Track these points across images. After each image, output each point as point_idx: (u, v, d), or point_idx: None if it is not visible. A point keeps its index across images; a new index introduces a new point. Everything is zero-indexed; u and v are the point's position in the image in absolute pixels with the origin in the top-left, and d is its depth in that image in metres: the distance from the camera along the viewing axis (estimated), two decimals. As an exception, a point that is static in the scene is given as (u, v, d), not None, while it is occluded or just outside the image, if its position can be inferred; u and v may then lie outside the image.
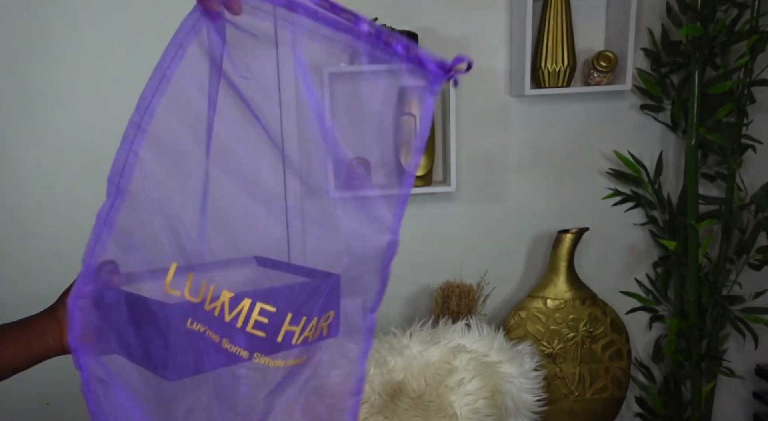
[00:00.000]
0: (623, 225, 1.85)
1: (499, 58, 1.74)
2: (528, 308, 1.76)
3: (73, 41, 1.64)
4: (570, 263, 1.74)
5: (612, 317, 1.76)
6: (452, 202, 1.80)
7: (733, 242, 1.74)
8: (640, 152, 1.78)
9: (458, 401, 1.48)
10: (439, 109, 1.73)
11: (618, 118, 1.78)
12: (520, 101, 1.76)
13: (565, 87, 1.66)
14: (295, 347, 0.56)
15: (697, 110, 1.62)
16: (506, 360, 1.55)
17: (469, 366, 1.51)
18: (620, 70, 1.65)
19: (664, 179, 1.81)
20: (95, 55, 1.66)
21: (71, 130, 1.69)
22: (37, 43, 1.64)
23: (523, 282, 1.87)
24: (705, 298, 1.71)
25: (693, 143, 1.64)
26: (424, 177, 1.68)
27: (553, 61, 1.63)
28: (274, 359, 0.56)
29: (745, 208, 1.67)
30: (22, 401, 1.75)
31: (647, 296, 1.86)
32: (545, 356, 1.74)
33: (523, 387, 1.53)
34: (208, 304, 0.52)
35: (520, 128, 1.78)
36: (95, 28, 1.64)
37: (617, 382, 1.77)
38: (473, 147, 1.78)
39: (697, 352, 1.74)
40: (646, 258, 1.87)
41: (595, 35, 1.73)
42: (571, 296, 1.74)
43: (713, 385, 1.76)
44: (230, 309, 0.53)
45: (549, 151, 1.80)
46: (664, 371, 1.89)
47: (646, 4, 1.70)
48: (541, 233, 1.84)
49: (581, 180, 1.82)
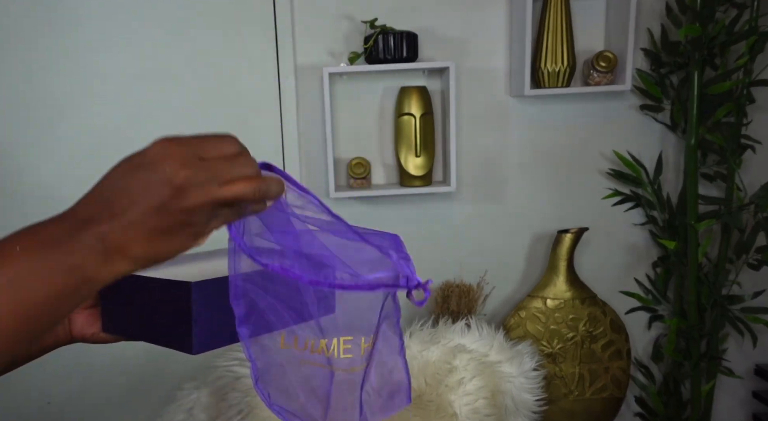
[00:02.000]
0: (623, 225, 1.85)
1: (498, 58, 1.74)
2: (528, 307, 1.76)
3: (84, 42, 1.65)
4: (570, 263, 1.74)
5: (612, 317, 1.76)
6: (452, 202, 1.81)
7: (733, 241, 1.74)
8: (639, 152, 1.79)
9: (458, 400, 1.48)
10: (439, 109, 1.74)
11: (618, 119, 1.79)
12: (520, 101, 1.77)
13: (564, 87, 1.66)
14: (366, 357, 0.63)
15: (696, 110, 1.62)
16: (506, 360, 1.55)
17: (468, 366, 1.51)
18: (620, 71, 1.65)
19: (664, 179, 1.81)
20: (103, 57, 1.66)
21: (83, 135, 1.69)
22: (37, 43, 1.64)
23: (523, 282, 1.88)
24: (704, 298, 1.71)
25: (692, 143, 1.64)
26: (424, 177, 1.69)
27: (552, 61, 1.64)
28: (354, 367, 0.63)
29: (744, 208, 1.68)
30: (23, 400, 1.76)
31: (647, 295, 1.86)
32: (545, 355, 1.74)
33: (522, 387, 1.53)
34: (311, 351, 0.60)
35: (520, 128, 1.79)
36: (105, 29, 1.65)
37: (617, 382, 1.77)
38: (473, 147, 1.78)
39: (697, 352, 1.74)
40: (646, 258, 1.88)
41: (594, 35, 1.74)
42: (570, 295, 1.74)
43: (712, 385, 1.77)
44: (328, 348, 0.61)
45: (549, 151, 1.80)
46: (663, 371, 1.89)
47: (646, 5, 1.70)
48: (541, 233, 1.84)
49: (581, 180, 1.82)
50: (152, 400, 1.79)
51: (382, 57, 1.60)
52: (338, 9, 1.68)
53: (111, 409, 1.83)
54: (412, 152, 1.66)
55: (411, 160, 1.67)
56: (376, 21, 1.62)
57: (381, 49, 1.60)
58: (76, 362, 1.74)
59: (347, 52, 1.67)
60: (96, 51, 1.66)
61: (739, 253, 1.72)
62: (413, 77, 1.72)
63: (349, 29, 1.69)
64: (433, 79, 1.73)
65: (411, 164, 1.67)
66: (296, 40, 1.69)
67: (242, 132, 1.87)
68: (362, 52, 1.64)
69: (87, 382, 1.78)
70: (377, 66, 1.61)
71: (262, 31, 1.68)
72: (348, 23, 1.69)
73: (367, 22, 1.63)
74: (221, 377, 1.60)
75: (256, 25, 1.67)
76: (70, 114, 1.68)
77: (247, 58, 1.69)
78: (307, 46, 1.70)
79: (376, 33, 1.60)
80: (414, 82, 1.72)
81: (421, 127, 1.64)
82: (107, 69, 1.66)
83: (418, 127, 1.64)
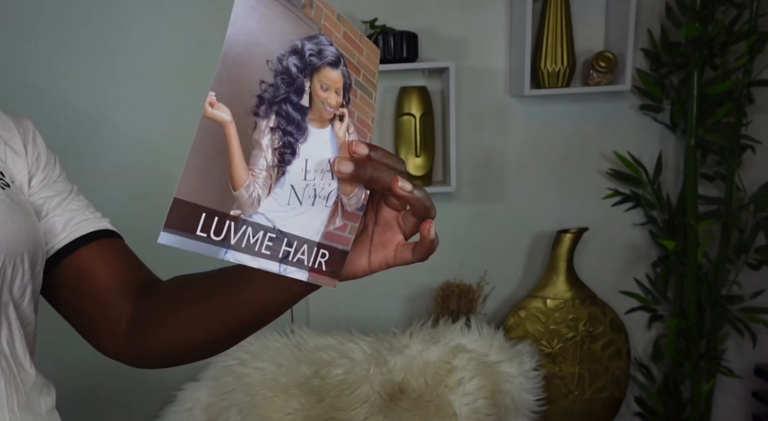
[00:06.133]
0: (623, 225, 1.85)
1: (498, 58, 1.74)
2: (528, 307, 1.76)
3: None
4: (569, 263, 1.74)
5: (611, 317, 1.77)
6: (452, 202, 1.81)
7: (732, 241, 1.75)
8: (639, 152, 1.79)
9: (458, 400, 1.48)
10: (439, 109, 1.74)
11: (617, 119, 1.79)
12: (520, 101, 1.77)
13: (564, 87, 1.66)
14: None
15: (696, 110, 1.62)
16: (506, 360, 1.55)
17: (468, 366, 1.51)
18: (620, 71, 1.66)
19: (664, 179, 1.81)
20: (106, 56, 1.66)
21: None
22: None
23: (522, 282, 1.88)
24: (704, 298, 1.71)
25: (692, 143, 1.64)
26: (424, 177, 1.69)
27: (552, 61, 1.64)
28: None
29: (744, 208, 1.68)
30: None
31: (646, 295, 1.86)
32: (545, 355, 1.74)
33: (522, 387, 1.53)
34: None
35: (519, 128, 1.79)
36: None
37: (616, 381, 1.78)
38: (473, 147, 1.78)
39: (696, 351, 1.74)
40: (646, 258, 1.88)
41: (594, 35, 1.74)
42: (570, 295, 1.74)
43: (712, 384, 1.77)
44: None
45: (549, 151, 1.80)
46: (663, 371, 1.89)
47: (646, 5, 1.71)
48: (541, 233, 1.85)
49: (581, 180, 1.82)
50: (152, 400, 1.79)
51: (382, 57, 1.60)
52: (338, 9, 1.67)
53: (111, 409, 1.83)
54: (412, 152, 1.66)
55: (411, 160, 1.67)
56: (376, 21, 1.62)
57: (381, 49, 1.60)
58: (76, 361, 1.74)
59: (347, 52, 1.67)
60: (95, 50, 1.66)
61: (738, 253, 1.72)
62: (413, 77, 1.72)
63: (349, 29, 1.69)
64: (433, 79, 1.73)
65: (411, 164, 1.67)
66: (296, 40, 1.69)
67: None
68: (362, 52, 1.64)
69: (87, 382, 1.78)
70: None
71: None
72: (348, 23, 1.68)
73: (367, 22, 1.63)
74: (221, 377, 1.60)
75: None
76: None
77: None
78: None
79: (376, 33, 1.60)
80: (414, 82, 1.72)
81: (421, 127, 1.64)
82: (111, 69, 1.66)
83: (418, 127, 1.64)
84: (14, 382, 0.61)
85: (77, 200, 0.70)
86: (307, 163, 0.45)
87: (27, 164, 0.67)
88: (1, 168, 0.64)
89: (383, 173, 0.47)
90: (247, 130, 0.40)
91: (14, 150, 0.66)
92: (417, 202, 0.48)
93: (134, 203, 1.69)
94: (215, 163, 0.39)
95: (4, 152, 0.65)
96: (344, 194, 0.49)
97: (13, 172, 0.65)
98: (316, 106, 0.45)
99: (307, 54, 0.44)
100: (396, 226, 0.53)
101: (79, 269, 0.67)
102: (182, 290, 0.68)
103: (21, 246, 0.59)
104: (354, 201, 0.50)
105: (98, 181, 1.69)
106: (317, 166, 0.46)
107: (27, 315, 0.64)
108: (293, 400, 1.51)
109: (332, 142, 0.47)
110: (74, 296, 0.68)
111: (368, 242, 0.54)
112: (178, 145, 1.71)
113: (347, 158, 0.47)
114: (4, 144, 0.66)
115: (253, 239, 0.42)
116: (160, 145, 1.71)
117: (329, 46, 0.47)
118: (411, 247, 0.52)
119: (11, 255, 0.58)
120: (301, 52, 0.44)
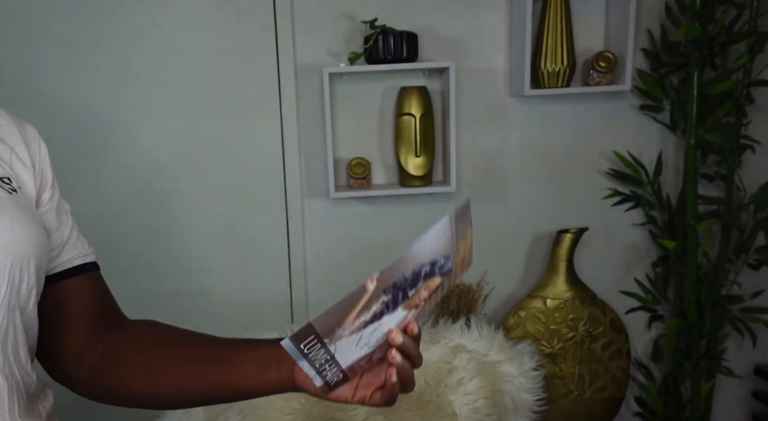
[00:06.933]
0: (623, 225, 1.85)
1: (498, 58, 1.74)
2: (528, 307, 1.76)
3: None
4: (569, 263, 1.74)
5: (611, 317, 1.77)
6: (452, 203, 1.81)
7: (732, 241, 1.75)
8: (639, 152, 1.79)
9: (458, 400, 1.48)
10: (439, 110, 1.74)
11: (617, 119, 1.79)
12: (520, 101, 1.77)
13: (564, 87, 1.66)
14: None
15: (696, 110, 1.62)
16: (506, 360, 1.55)
17: (468, 366, 1.51)
18: (620, 71, 1.66)
19: (664, 179, 1.81)
20: (99, 56, 1.66)
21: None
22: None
23: (522, 282, 1.88)
24: (704, 298, 1.71)
25: (692, 143, 1.64)
26: (424, 177, 1.69)
27: (552, 61, 1.64)
28: None
29: (744, 208, 1.68)
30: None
31: (646, 295, 1.86)
32: (545, 355, 1.74)
33: (522, 387, 1.53)
34: None
35: (519, 128, 1.79)
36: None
37: (616, 381, 1.78)
38: (473, 147, 1.78)
39: (696, 351, 1.74)
40: (646, 258, 1.88)
41: (594, 35, 1.74)
42: (570, 295, 1.74)
43: (712, 384, 1.77)
44: None
45: (549, 151, 1.80)
46: (663, 371, 1.89)
47: (646, 5, 1.71)
48: (541, 233, 1.85)
49: (581, 180, 1.82)
50: (152, 400, 1.78)
51: (382, 57, 1.60)
52: (338, 9, 1.68)
53: (111, 409, 1.82)
54: (412, 152, 1.66)
55: (411, 160, 1.67)
56: (376, 21, 1.62)
57: (381, 49, 1.60)
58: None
59: (347, 52, 1.67)
60: (88, 51, 1.66)
61: (738, 253, 1.72)
62: (413, 77, 1.72)
63: (349, 29, 1.69)
64: (433, 79, 1.73)
65: (411, 164, 1.67)
66: (296, 40, 1.69)
67: (242, 132, 1.88)
68: (362, 52, 1.64)
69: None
70: (377, 66, 1.61)
71: (262, 31, 1.68)
72: (348, 23, 1.69)
73: (367, 22, 1.63)
74: (221, 377, 1.60)
75: (257, 25, 1.67)
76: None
77: (247, 59, 1.69)
78: (307, 46, 1.70)
79: (376, 33, 1.60)
80: (414, 82, 1.72)
81: (421, 127, 1.64)
82: (102, 68, 1.66)
83: (418, 127, 1.64)
84: (17, 387, 0.61)
85: (67, 223, 0.72)
86: (380, 326, 0.59)
87: (34, 179, 0.68)
88: (8, 174, 0.65)
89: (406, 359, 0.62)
90: (372, 297, 0.56)
91: (21, 160, 0.67)
92: (401, 375, 0.61)
93: (137, 203, 1.69)
94: (343, 313, 0.55)
95: (11, 159, 0.66)
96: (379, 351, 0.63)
97: (21, 180, 0.66)
98: (413, 297, 0.60)
99: (437, 270, 0.60)
100: (382, 373, 0.63)
101: (62, 299, 0.70)
102: (165, 343, 0.73)
103: (28, 250, 0.59)
104: (378, 354, 0.63)
105: (103, 181, 1.69)
106: (383, 328, 0.60)
107: (31, 319, 0.64)
108: (293, 400, 1.51)
109: (401, 319, 0.61)
110: (50, 321, 0.70)
111: (357, 381, 0.65)
112: (183, 146, 1.71)
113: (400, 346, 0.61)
114: (10, 151, 0.66)
115: (319, 356, 0.57)
116: (165, 147, 1.71)
117: (450, 264, 0.62)
118: (384, 393, 0.63)
119: (19, 259, 0.58)
120: (435, 265, 0.59)
